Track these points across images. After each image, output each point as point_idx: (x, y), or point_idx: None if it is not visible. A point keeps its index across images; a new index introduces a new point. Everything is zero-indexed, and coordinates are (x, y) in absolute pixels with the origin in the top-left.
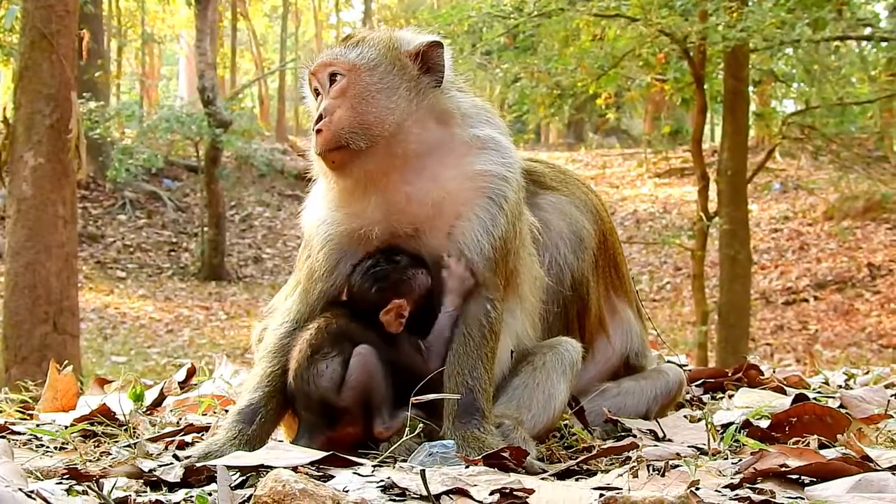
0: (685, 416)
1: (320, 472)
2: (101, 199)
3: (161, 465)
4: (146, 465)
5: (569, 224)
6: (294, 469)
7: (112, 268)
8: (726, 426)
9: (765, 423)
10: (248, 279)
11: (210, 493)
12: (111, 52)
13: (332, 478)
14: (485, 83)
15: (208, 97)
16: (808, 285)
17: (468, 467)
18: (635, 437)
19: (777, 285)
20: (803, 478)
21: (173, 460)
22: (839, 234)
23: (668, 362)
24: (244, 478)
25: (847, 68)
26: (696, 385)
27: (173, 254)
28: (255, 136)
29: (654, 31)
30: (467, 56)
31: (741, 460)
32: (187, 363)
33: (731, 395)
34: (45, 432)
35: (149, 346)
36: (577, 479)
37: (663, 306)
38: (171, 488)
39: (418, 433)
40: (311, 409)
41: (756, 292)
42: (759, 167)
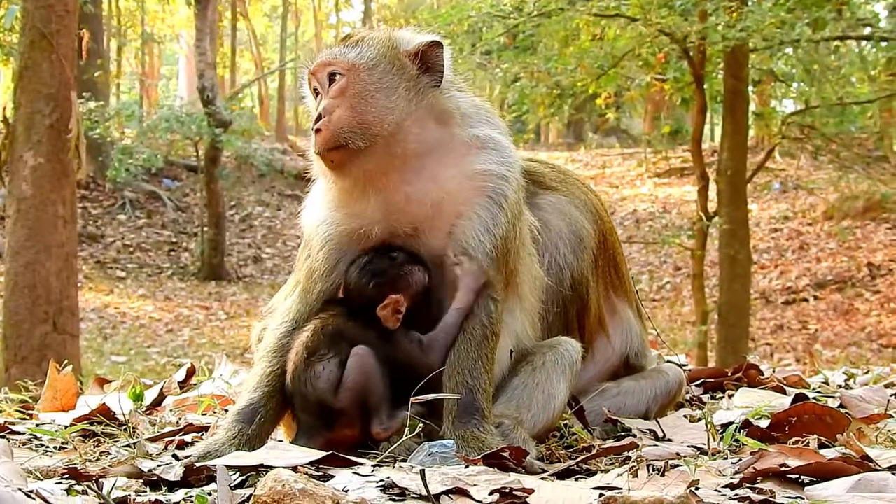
0: (685, 416)
1: (320, 472)
2: (101, 198)
3: (161, 465)
4: (146, 464)
5: (568, 224)
6: (294, 469)
7: (112, 268)
8: (726, 426)
9: (764, 423)
10: (247, 279)
11: (210, 493)
12: (111, 51)
13: (332, 478)
14: (485, 83)
15: (208, 97)
16: (808, 285)
17: (468, 467)
18: (635, 436)
19: (777, 285)
20: (803, 477)
21: (173, 460)
22: (839, 234)
23: (667, 362)
24: (244, 477)
25: (847, 68)
26: (696, 385)
27: (173, 254)
28: (255, 135)
29: (654, 31)
30: (467, 56)
31: (741, 460)
32: (187, 363)
33: (730, 395)
34: (45, 432)
35: (148, 346)
36: (576, 479)
37: (663, 306)
38: (171, 488)
39: (418, 433)
40: (308, 411)
41: (756, 292)
42: (758, 167)
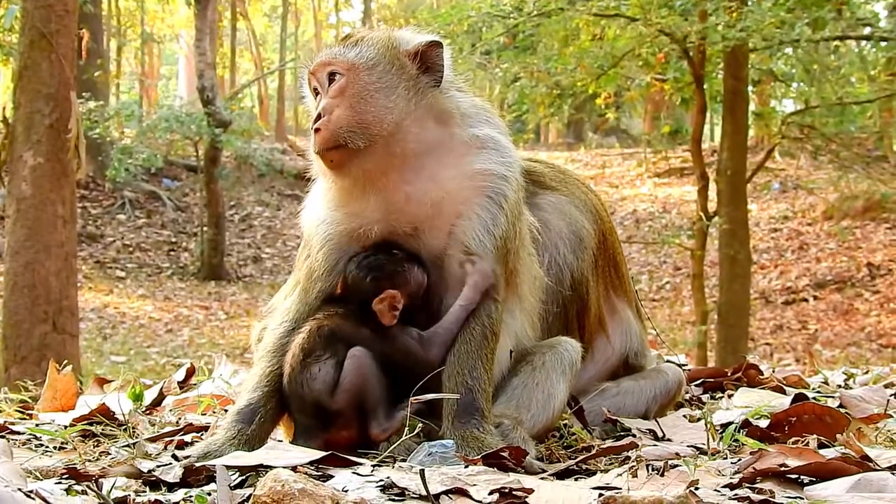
0: (684, 416)
1: (319, 472)
2: (101, 198)
3: (160, 465)
4: (145, 464)
5: (568, 224)
6: (293, 469)
7: (111, 267)
8: (726, 426)
9: (764, 423)
10: (247, 279)
11: (209, 493)
12: (111, 51)
13: (332, 477)
14: (484, 83)
15: (208, 97)
16: (808, 285)
17: (467, 467)
18: (634, 436)
19: (776, 285)
20: (803, 477)
21: (172, 460)
22: (839, 234)
23: (667, 362)
24: (243, 477)
25: (846, 68)
26: (696, 385)
27: (173, 253)
28: (255, 135)
29: (654, 31)
30: (467, 56)
31: (740, 460)
32: (186, 363)
33: (730, 395)
34: (45, 432)
35: (148, 346)
36: (576, 479)
37: (663, 306)
38: (171, 488)
39: (417, 433)
40: (305, 413)
41: (756, 292)
42: (758, 167)
